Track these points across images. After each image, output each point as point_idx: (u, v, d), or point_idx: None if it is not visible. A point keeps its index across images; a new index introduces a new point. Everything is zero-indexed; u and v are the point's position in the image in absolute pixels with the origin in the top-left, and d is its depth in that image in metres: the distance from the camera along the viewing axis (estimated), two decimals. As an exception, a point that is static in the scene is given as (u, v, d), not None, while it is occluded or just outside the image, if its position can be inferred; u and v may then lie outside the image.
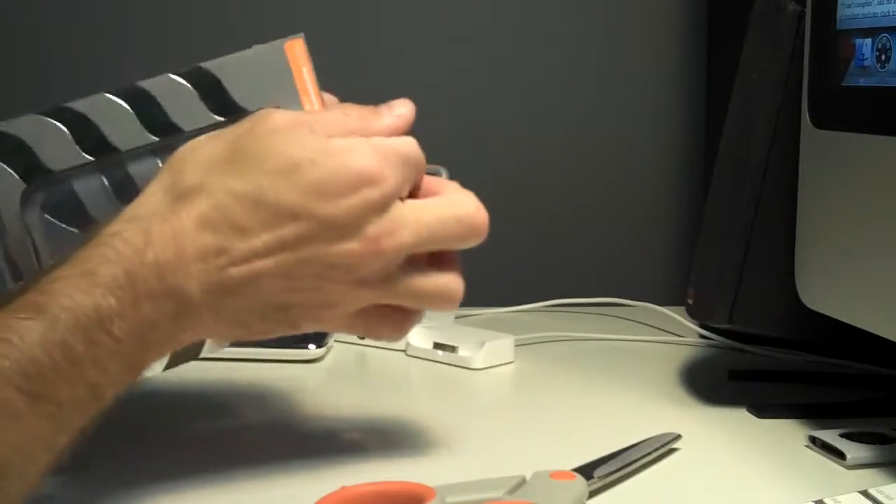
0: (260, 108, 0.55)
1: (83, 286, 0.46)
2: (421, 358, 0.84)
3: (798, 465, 0.60)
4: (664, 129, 1.21)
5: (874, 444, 0.59)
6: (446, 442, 0.65)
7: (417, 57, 1.16)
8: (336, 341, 0.87)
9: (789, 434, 0.64)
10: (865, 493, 0.48)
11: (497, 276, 1.20)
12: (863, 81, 0.57)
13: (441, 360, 0.83)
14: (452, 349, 0.83)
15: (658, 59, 1.20)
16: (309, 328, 0.55)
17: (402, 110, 0.57)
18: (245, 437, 0.64)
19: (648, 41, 1.20)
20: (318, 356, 0.83)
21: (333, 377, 0.81)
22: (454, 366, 0.82)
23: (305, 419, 0.68)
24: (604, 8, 1.19)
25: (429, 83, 1.17)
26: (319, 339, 0.84)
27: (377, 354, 0.86)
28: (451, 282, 0.56)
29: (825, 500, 0.47)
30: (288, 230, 0.51)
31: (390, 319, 0.57)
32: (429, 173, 0.90)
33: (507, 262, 1.20)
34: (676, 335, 0.93)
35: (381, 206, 0.52)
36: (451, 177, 0.89)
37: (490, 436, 0.66)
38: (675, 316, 0.94)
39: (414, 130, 0.65)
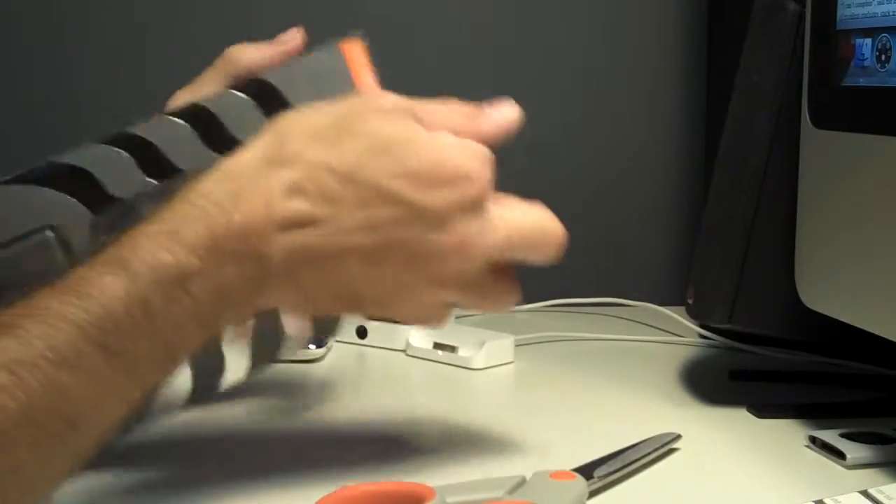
0: None
1: (166, 244, 0.46)
2: (421, 358, 0.84)
3: (798, 465, 0.60)
4: (664, 129, 1.21)
5: (874, 444, 0.59)
6: (446, 442, 0.65)
7: (417, 57, 1.16)
8: (336, 341, 0.87)
9: (789, 434, 0.64)
10: (865, 493, 0.48)
11: (497, 276, 1.20)
12: (863, 81, 0.57)
13: (441, 360, 0.83)
14: (452, 349, 0.83)
15: (658, 59, 1.20)
16: (373, 313, 0.56)
17: (507, 113, 0.58)
18: (245, 436, 0.64)
19: (648, 41, 1.20)
20: (318, 356, 0.83)
21: (333, 377, 0.80)
22: (454, 366, 0.82)
23: (305, 419, 0.68)
24: (604, 8, 1.19)
25: (429, 84, 1.17)
26: (319, 340, 0.84)
27: (377, 354, 0.86)
28: (513, 290, 0.58)
29: (825, 500, 0.47)
30: (380, 211, 0.51)
31: (440, 312, 0.57)
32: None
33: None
34: (676, 335, 0.93)
35: (474, 205, 0.52)
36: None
37: (490, 436, 0.66)
38: (675, 316, 0.94)
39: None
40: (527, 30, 1.18)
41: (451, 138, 0.53)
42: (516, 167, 0.66)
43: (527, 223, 0.56)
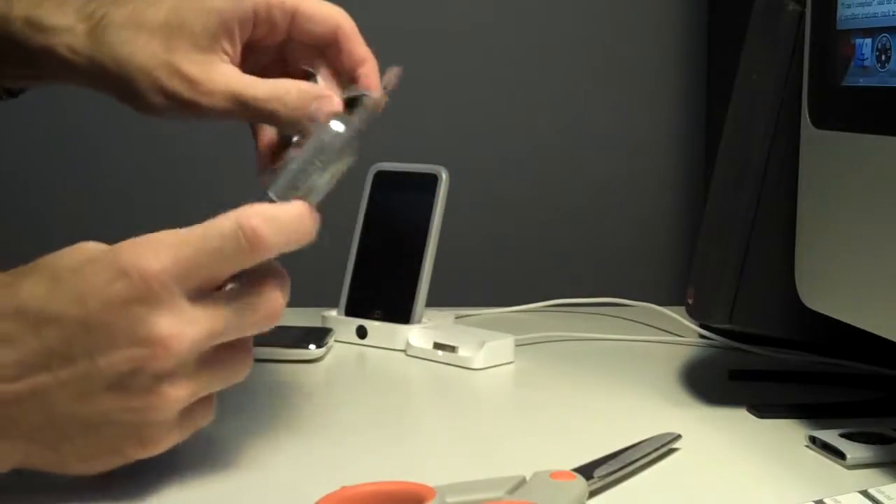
0: None
1: None
2: (421, 358, 0.84)
3: (798, 465, 0.60)
4: (664, 129, 1.21)
5: (874, 444, 0.59)
6: (446, 442, 0.65)
7: (417, 57, 1.16)
8: (336, 341, 0.87)
9: (789, 434, 0.64)
10: (865, 493, 0.48)
11: (497, 276, 1.20)
12: (863, 81, 0.57)
13: (441, 360, 0.83)
14: (452, 349, 0.83)
15: (658, 59, 1.20)
16: (137, 454, 0.52)
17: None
18: (245, 436, 0.64)
19: (648, 41, 1.20)
20: (318, 356, 0.83)
21: (333, 377, 0.81)
22: (454, 366, 0.82)
23: (305, 419, 0.68)
24: (604, 8, 1.19)
25: (428, 84, 1.17)
26: (319, 339, 0.84)
27: (377, 354, 0.86)
28: (245, 359, 0.55)
29: (825, 500, 0.47)
30: (50, 336, 0.49)
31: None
32: (427, 173, 0.90)
33: (507, 262, 1.20)
34: (676, 335, 0.93)
35: (144, 303, 0.49)
36: (452, 177, 0.89)
37: (490, 436, 0.66)
38: (675, 316, 0.94)
39: (415, 131, 0.65)
40: (526, 29, 1.18)
41: (126, 242, 0.50)
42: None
43: (230, 310, 0.52)
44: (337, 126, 0.58)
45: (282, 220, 0.53)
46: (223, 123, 0.64)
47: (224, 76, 0.61)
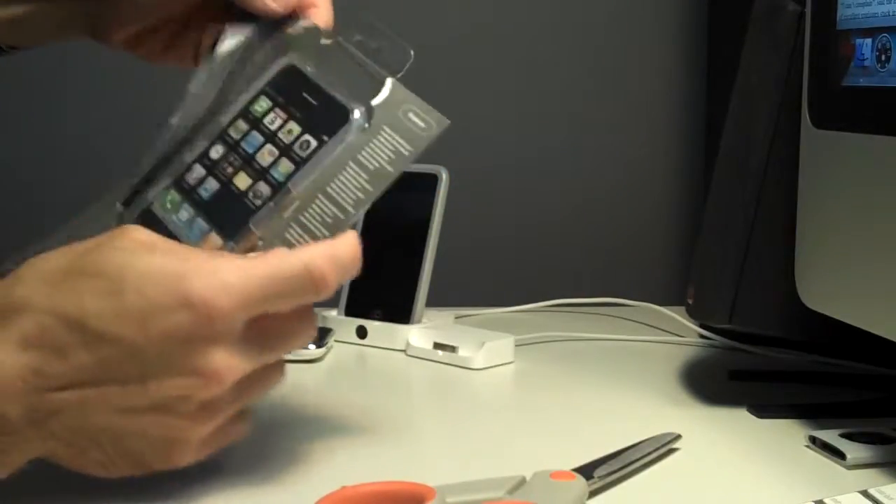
0: None
1: None
2: (421, 358, 0.84)
3: (798, 465, 0.60)
4: (664, 129, 1.21)
5: (874, 444, 0.59)
6: (446, 442, 0.65)
7: (416, 57, 1.16)
8: (336, 341, 0.87)
9: (789, 434, 0.65)
10: (865, 493, 0.48)
11: (497, 276, 1.20)
12: (863, 81, 0.57)
13: (441, 360, 0.83)
14: (452, 349, 0.83)
15: (658, 59, 1.20)
16: (159, 467, 0.52)
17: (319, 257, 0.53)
18: (245, 436, 0.64)
19: (648, 41, 1.20)
20: (318, 356, 0.83)
21: (333, 377, 0.81)
22: (454, 366, 0.82)
23: (305, 419, 0.68)
24: (604, 8, 1.19)
25: (428, 84, 1.17)
26: (319, 339, 0.84)
27: (377, 354, 0.86)
28: (280, 370, 0.55)
29: (825, 500, 0.47)
30: (105, 354, 0.48)
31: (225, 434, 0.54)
32: (427, 173, 0.90)
33: (507, 262, 1.21)
34: (676, 335, 0.93)
35: (205, 338, 0.49)
36: (452, 177, 0.89)
37: (490, 436, 0.66)
38: (675, 316, 0.94)
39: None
40: (527, 30, 1.18)
41: (189, 265, 0.49)
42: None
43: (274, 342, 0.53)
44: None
45: (342, 259, 0.54)
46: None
47: None
